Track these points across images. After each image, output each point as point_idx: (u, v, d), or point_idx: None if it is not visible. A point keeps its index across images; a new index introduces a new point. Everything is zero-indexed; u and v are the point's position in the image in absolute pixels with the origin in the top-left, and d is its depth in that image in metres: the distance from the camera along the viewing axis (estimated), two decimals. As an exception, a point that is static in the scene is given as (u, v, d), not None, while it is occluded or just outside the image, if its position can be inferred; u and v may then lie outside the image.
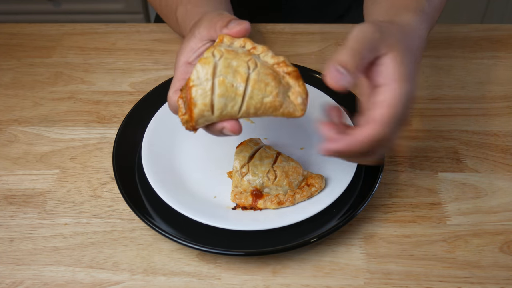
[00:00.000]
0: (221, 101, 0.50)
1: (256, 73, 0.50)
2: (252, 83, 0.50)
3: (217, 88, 0.50)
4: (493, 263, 0.60)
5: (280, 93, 0.51)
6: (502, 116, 0.78)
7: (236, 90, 0.50)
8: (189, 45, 0.56)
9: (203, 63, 0.50)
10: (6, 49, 0.91)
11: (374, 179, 0.64)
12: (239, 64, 0.50)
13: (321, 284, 0.59)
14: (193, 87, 0.50)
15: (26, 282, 0.59)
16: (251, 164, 0.63)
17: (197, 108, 0.50)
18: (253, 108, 0.51)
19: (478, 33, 0.93)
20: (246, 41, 0.53)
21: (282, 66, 0.52)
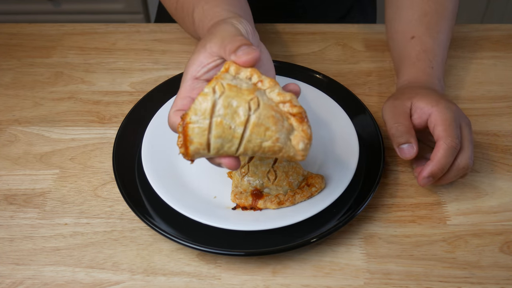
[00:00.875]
0: (218, 141, 0.49)
1: (256, 116, 0.49)
2: (251, 127, 0.49)
3: (214, 129, 0.49)
4: (493, 263, 0.60)
5: (281, 137, 0.49)
6: (502, 116, 0.78)
7: (234, 132, 0.49)
8: (199, 59, 0.54)
9: (202, 99, 0.48)
10: (6, 49, 0.91)
11: (374, 179, 0.64)
12: (239, 104, 0.48)
13: (321, 284, 0.59)
14: (190, 124, 0.49)
15: (26, 282, 0.59)
16: (251, 164, 0.63)
17: (193, 146, 0.49)
18: (250, 151, 0.50)
19: (478, 33, 0.93)
20: (253, 73, 0.51)
21: (287, 106, 0.50)
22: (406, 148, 0.64)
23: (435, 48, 0.73)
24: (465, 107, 0.79)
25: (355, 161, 0.65)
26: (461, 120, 0.64)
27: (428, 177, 0.62)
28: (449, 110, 0.63)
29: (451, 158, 0.61)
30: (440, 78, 0.73)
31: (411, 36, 0.75)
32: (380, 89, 0.82)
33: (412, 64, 0.73)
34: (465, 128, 0.63)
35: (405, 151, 0.64)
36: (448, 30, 0.76)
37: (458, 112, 0.64)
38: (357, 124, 0.71)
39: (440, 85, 0.72)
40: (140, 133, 0.70)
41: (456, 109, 0.64)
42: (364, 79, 0.84)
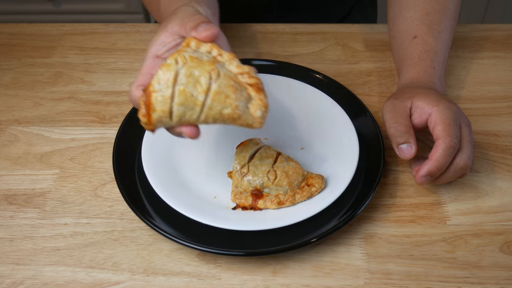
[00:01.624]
0: (180, 109, 0.51)
1: (217, 85, 0.51)
2: (212, 95, 0.51)
3: (177, 97, 0.50)
4: (493, 263, 0.60)
5: (240, 105, 0.52)
6: (502, 116, 0.78)
7: (196, 100, 0.51)
8: (160, 38, 0.57)
9: (165, 70, 0.50)
10: (6, 49, 0.91)
11: (374, 179, 0.64)
12: (201, 73, 0.51)
13: (321, 284, 0.59)
14: (153, 93, 0.50)
15: (26, 282, 0.59)
16: (251, 164, 0.63)
17: (155, 114, 0.51)
18: (211, 118, 0.52)
19: (478, 33, 0.93)
20: (213, 47, 0.53)
21: (246, 77, 0.53)
22: (405, 148, 0.64)
23: (437, 48, 0.73)
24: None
25: (355, 161, 0.65)
26: (461, 120, 0.64)
27: (425, 176, 0.62)
28: (449, 110, 0.63)
29: (450, 158, 0.61)
30: (441, 78, 0.73)
31: (413, 36, 0.75)
32: (380, 89, 0.82)
33: (414, 64, 0.73)
34: (465, 129, 0.63)
35: (404, 151, 0.64)
36: (450, 29, 0.76)
37: (458, 112, 0.64)
38: (357, 124, 0.71)
39: (441, 85, 0.72)
40: (140, 133, 0.70)
41: (457, 109, 0.64)
42: (364, 79, 0.84)
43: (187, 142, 0.71)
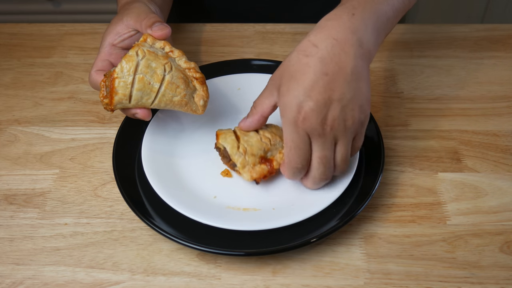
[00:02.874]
0: (138, 94, 0.60)
1: (170, 76, 0.61)
2: (165, 84, 0.61)
3: (136, 83, 0.60)
4: (493, 263, 0.60)
5: (187, 94, 0.62)
6: (502, 116, 0.78)
7: (152, 87, 0.61)
8: (116, 29, 0.66)
9: (127, 60, 0.59)
10: (6, 49, 0.91)
11: (374, 179, 0.64)
12: (157, 66, 0.60)
13: (321, 284, 0.59)
14: (116, 79, 0.59)
15: (26, 282, 0.59)
16: (242, 140, 0.64)
17: (117, 96, 0.60)
18: (163, 103, 0.62)
19: (478, 33, 0.93)
20: (165, 44, 0.64)
21: (192, 71, 0.64)
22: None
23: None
24: (465, 107, 0.79)
25: (355, 161, 0.65)
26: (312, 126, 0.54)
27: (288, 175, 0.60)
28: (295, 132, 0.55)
29: (297, 174, 0.59)
30: (362, 29, 0.55)
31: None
32: (380, 89, 0.82)
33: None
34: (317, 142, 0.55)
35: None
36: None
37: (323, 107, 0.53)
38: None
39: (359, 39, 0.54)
40: (140, 133, 0.70)
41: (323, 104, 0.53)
42: (364, 79, 0.84)
43: (187, 142, 0.71)
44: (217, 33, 0.93)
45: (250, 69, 0.80)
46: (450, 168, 0.71)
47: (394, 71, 0.86)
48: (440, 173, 0.70)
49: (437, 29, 0.94)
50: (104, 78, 0.61)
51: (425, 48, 0.90)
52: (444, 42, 0.91)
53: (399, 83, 0.83)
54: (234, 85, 0.78)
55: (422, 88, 0.83)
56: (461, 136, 0.75)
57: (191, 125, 0.73)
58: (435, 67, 0.86)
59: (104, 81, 0.61)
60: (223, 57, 0.88)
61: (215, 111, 0.75)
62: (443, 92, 0.82)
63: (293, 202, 0.63)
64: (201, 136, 0.72)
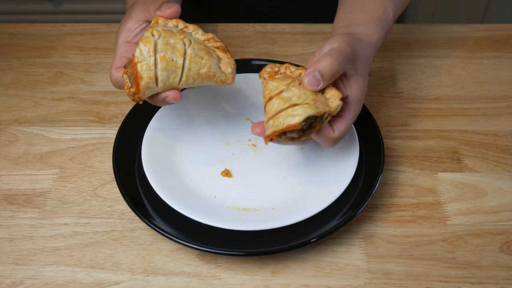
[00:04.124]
0: (164, 74, 0.57)
1: (191, 49, 0.58)
2: (188, 57, 0.58)
3: (159, 63, 0.57)
4: (493, 263, 0.60)
5: (213, 64, 0.59)
6: (502, 116, 0.78)
7: (176, 64, 0.57)
8: (127, 25, 0.64)
9: (145, 42, 0.57)
10: (6, 49, 0.91)
11: (374, 179, 0.64)
12: (176, 41, 0.58)
13: (321, 284, 0.59)
14: (138, 63, 0.56)
15: (26, 282, 0.59)
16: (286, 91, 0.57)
17: (143, 81, 0.57)
18: (191, 79, 0.59)
19: (478, 33, 0.93)
20: (178, 22, 0.61)
21: (212, 42, 0.61)
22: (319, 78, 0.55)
23: None
24: (465, 107, 0.79)
25: (355, 161, 0.65)
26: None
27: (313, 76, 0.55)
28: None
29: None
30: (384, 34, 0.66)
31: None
32: (380, 89, 0.83)
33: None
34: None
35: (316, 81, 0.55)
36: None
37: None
38: (357, 124, 0.71)
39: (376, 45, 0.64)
40: (140, 133, 0.70)
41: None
42: (364, 79, 0.84)
43: (187, 142, 0.71)
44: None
45: (250, 69, 0.80)
46: (450, 168, 0.71)
47: (394, 71, 0.86)
48: (440, 173, 0.70)
49: (437, 29, 0.94)
50: (125, 69, 0.59)
51: (425, 48, 0.90)
52: (444, 42, 0.91)
53: (399, 83, 0.83)
54: (234, 85, 0.78)
55: (422, 88, 0.83)
56: (461, 136, 0.75)
57: (191, 125, 0.73)
58: (435, 67, 0.86)
59: (126, 72, 0.58)
60: (223, 57, 0.88)
61: (215, 111, 0.75)
62: (443, 92, 0.82)
63: (293, 202, 0.63)
64: (202, 136, 0.72)
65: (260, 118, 0.75)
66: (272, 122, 0.55)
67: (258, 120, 0.75)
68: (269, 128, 0.55)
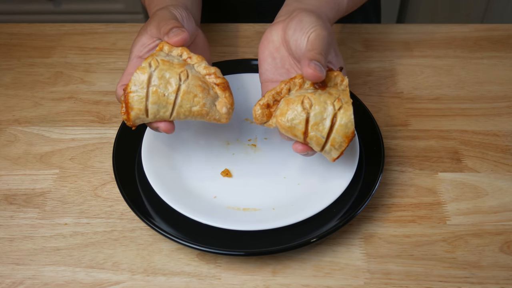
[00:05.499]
0: (154, 107, 0.57)
1: (186, 85, 0.57)
2: (182, 94, 0.57)
3: (150, 97, 0.56)
4: (493, 263, 0.60)
5: (207, 103, 0.58)
6: (502, 116, 0.78)
7: (167, 99, 0.57)
8: (141, 40, 0.62)
9: (140, 72, 0.56)
10: (6, 49, 0.91)
11: (374, 179, 0.64)
12: (171, 75, 0.57)
13: (321, 284, 0.59)
14: (130, 93, 0.56)
15: (26, 282, 0.59)
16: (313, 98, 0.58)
17: (133, 112, 0.57)
18: (182, 115, 0.58)
19: (478, 33, 0.93)
20: (183, 51, 0.59)
21: (213, 77, 0.59)
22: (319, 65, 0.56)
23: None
24: (465, 107, 0.79)
25: (355, 161, 0.65)
26: None
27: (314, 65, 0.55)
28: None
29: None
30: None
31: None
32: (380, 89, 0.83)
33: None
34: None
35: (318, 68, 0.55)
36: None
37: None
38: (357, 124, 0.71)
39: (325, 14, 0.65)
40: (140, 133, 0.70)
41: None
42: (364, 79, 0.84)
43: (187, 142, 0.71)
44: (217, 33, 0.93)
45: (250, 69, 0.80)
46: (450, 168, 0.71)
47: (394, 71, 0.86)
48: (440, 173, 0.70)
49: (437, 29, 0.94)
50: (123, 93, 0.58)
51: (425, 48, 0.90)
52: (444, 42, 0.91)
53: (399, 83, 0.83)
54: (234, 85, 0.78)
55: (422, 88, 0.83)
56: (461, 136, 0.75)
57: (191, 125, 0.73)
58: (435, 67, 0.86)
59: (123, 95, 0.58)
60: (223, 57, 0.88)
61: (215, 111, 0.75)
62: (443, 92, 0.82)
63: (293, 202, 0.63)
64: (202, 136, 0.72)
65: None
66: (331, 146, 0.57)
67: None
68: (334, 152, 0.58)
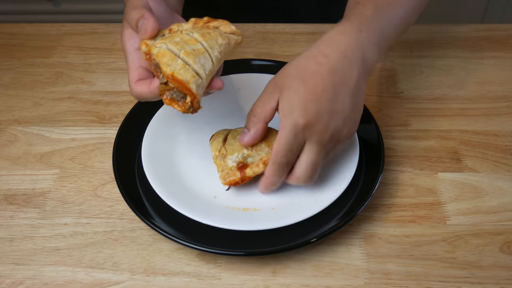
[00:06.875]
0: (198, 65, 0.55)
1: (196, 33, 0.57)
2: (201, 38, 0.57)
3: (188, 58, 0.55)
4: (493, 263, 0.60)
5: (220, 33, 0.59)
6: (502, 116, 0.78)
7: (198, 50, 0.56)
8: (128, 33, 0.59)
9: (161, 55, 0.55)
10: (6, 49, 0.91)
11: (374, 179, 0.64)
12: (180, 37, 0.56)
13: (321, 284, 0.59)
14: (174, 73, 0.54)
15: (26, 282, 0.59)
16: (227, 144, 0.64)
17: (191, 84, 0.55)
18: (218, 53, 0.57)
19: (478, 33, 0.93)
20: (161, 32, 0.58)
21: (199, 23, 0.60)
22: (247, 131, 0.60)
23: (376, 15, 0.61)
24: (465, 107, 0.79)
25: (355, 161, 0.65)
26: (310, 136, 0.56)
27: (265, 189, 0.60)
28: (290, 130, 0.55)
29: (281, 174, 0.58)
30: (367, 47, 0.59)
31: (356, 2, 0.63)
32: (380, 89, 0.83)
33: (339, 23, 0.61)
34: (309, 147, 0.56)
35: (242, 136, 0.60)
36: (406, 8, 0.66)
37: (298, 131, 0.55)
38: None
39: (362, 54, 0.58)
40: (140, 133, 0.70)
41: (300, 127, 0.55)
42: (364, 79, 0.84)
43: (187, 142, 0.71)
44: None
45: (250, 69, 0.80)
46: (450, 168, 0.71)
47: (394, 71, 0.86)
48: (440, 173, 0.70)
49: (437, 29, 0.94)
50: (161, 93, 0.56)
51: (425, 48, 0.90)
52: (444, 42, 0.91)
53: (399, 83, 0.83)
54: (234, 85, 0.78)
55: (422, 88, 0.83)
56: (461, 136, 0.75)
57: (191, 125, 0.73)
58: (435, 67, 0.86)
59: (163, 91, 0.56)
60: (223, 57, 0.88)
61: (215, 112, 0.75)
62: (443, 92, 0.82)
63: (293, 202, 0.63)
64: (201, 136, 0.72)
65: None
66: None
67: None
68: None
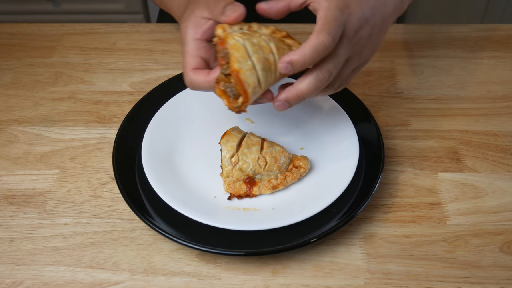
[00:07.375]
0: (263, 74, 0.54)
1: (273, 44, 0.55)
2: (276, 51, 0.55)
3: (257, 64, 0.53)
4: (493, 263, 0.60)
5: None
6: (502, 116, 0.78)
7: (269, 61, 0.54)
8: (192, 22, 0.59)
9: (235, 48, 0.53)
10: (6, 49, 0.91)
11: (374, 179, 0.64)
12: (258, 40, 0.55)
13: (321, 284, 0.59)
14: (241, 71, 0.53)
15: (26, 282, 0.59)
16: (240, 152, 0.64)
17: (250, 88, 0.54)
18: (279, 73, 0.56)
19: (478, 33, 0.93)
20: (243, 25, 0.57)
21: (277, 33, 0.58)
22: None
23: None
24: (465, 107, 0.79)
25: (355, 161, 0.65)
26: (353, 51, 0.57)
27: (287, 63, 0.54)
28: (338, 14, 0.54)
29: (317, 56, 0.54)
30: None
31: None
32: (380, 89, 0.83)
33: None
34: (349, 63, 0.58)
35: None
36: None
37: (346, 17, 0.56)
38: (357, 124, 0.71)
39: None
40: (140, 133, 0.70)
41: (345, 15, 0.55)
42: (364, 79, 0.84)
43: (187, 142, 0.71)
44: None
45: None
46: (450, 168, 0.71)
47: (394, 71, 0.86)
48: (440, 173, 0.70)
49: (437, 29, 0.94)
50: (217, 84, 0.56)
51: (425, 48, 0.90)
52: (444, 42, 0.91)
53: (399, 83, 0.83)
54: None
55: (422, 88, 0.83)
56: (461, 136, 0.75)
57: (191, 125, 0.73)
58: (435, 67, 0.86)
59: (219, 87, 0.56)
60: (223, 57, 0.88)
61: (215, 111, 0.75)
62: (443, 92, 0.82)
63: (293, 202, 0.63)
64: (201, 136, 0.72)
65: (261, 118, 0.75)
66: None
67: (258, 119, 0.75)
68: None
